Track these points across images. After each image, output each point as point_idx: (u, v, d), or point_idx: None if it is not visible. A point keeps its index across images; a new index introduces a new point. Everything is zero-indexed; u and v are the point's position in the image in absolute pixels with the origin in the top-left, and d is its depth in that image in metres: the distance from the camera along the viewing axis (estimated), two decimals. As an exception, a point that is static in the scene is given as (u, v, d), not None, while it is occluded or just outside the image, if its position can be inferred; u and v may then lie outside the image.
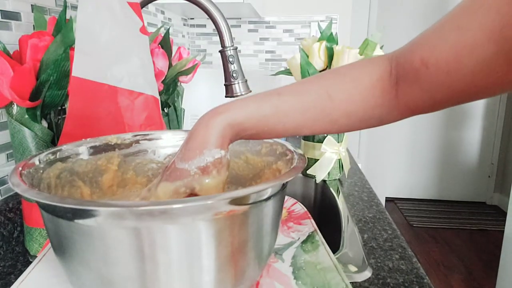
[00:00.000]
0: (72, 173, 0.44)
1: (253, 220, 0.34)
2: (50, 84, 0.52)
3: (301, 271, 0.45)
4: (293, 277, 0.44)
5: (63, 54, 0.52)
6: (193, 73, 0.89)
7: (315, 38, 0.86)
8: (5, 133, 0.61)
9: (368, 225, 0.64)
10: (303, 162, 0.39)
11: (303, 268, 0.45)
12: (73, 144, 0.45)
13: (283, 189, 0.38)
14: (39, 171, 0.39)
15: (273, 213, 0.36)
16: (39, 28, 0.57)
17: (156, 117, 0.61)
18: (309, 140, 0.88)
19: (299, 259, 0.47)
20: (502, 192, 3.07)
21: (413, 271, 0.50)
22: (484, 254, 2.39)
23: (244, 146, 0.50)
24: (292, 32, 1.58)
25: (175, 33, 1.44)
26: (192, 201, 0.29)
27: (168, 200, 0.37)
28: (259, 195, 0.33)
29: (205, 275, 0.32)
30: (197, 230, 0.30)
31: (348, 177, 0.91)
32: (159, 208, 0.28)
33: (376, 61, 0.39)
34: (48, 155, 0.41)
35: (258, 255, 0.36)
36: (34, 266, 0.44)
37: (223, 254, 0.32)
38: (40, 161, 0.40)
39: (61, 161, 0.43)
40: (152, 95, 0.60)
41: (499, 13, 0.28)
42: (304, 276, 0.44)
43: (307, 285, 0.42)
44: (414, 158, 3.18)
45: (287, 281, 0.43)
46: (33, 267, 0.44)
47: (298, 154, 0.42)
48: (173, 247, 0.30)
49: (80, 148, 0.46)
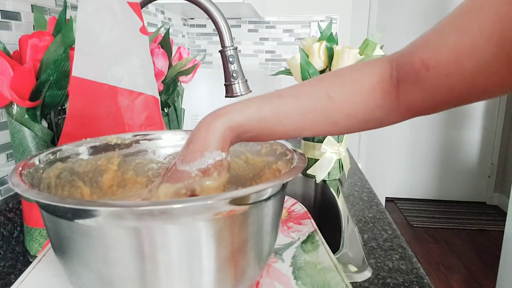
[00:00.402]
0: (72, 173, 0.44)
1: (253, 220, 0.34)
2: (50, 84, 0.52)
3: (301, 271, 0.45)
4: (293, 277, 0.44)
5: (63, 54, 0.52)
6: (193, 73, 0.89)
7: (315, 38, 0.86)
8: (5, 133, 0.61)
9: (368, 225, 0.64)
10: (303, 162, 0.39)
11: (303, 268, 0.45)
12: (73, 144, 0.45)
13: (283, 189, 0.38)
14: (39, 171, 0.39)
15: (273, 213, 0.36)
16: (39, 28, 0.57)
17: (156, 117, 0.61)
18: (309, 140, 0.88)
19: (299, 259, 0.47)
20: (502, 192, 3.07)
21: (413, 271, 0.50)
22: (484, 254, 2.39)
23: (244, 146, 0.50)
24: (292, 32, 1.58)
25: (175, 33, 1.44)
26: (192, 201, 0.29)
27: (168, 200, 0.37)
28: (259, 195, 0.33)
29: (205, 275, 0.32)
30: (197, 230, 0.30)
31: (348, 177, 0.91)
32: (159, 208, 0.28)
33: (377, 63, 0.39)
34: (48, 155, 0.41)
35: (258, 255, 0.36)
36: (34, 266, 0.44)
37: (223, 254, 0.32)
38: (40, 161, 0.40)
39: (61, 161, 0.43)
40: (152, 95, 0.60)
41: (498, 14, 0.28)
42: (304, 276, 0.44)
43: (307, 285, 0.42)
44: (414, 158, 3.18)
45: (287, 281, 0.43)
46: (33, 267, 0.44)
47: (298, 154, 0.42)
48: (173, 247, 0.30)
49: (80, 148, 0.46)
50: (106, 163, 0.48)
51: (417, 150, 3.16)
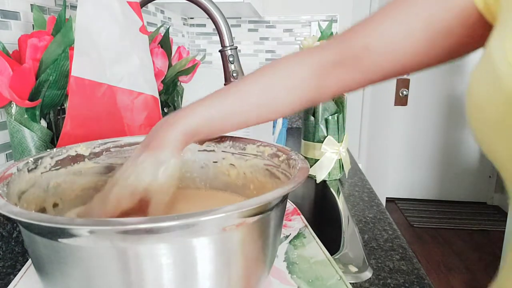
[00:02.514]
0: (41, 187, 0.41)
1: (265, 227, 0.33)
2: (50, 83, 0.52)
3: (294, 265, 0.46)
4: (288, 271, 0.45)
5: (63, 54, 0.52)
6: (193, 73, 0.89)
7: (315, 37, 0.86)
8: (4, 133, 0.61)
9: (368, 226, 0.64)
10: (305, 163, 0.39)
11: (296, 262, 0.47)
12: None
13: (285, 199, 0.37)
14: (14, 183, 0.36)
15: (278, 220, 0.36)
16: (38, 27, 0.57)
17: (156, 117, 0.61)
18: (309, 140, 0.88)
19: (292, 254, 0.49)
20: (503, 193, 3.06)
21: (414, 272, 0.49)
22: (484, 254, 2.39)
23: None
24: (292, 31, 1.58)
25: (175, 32, 1.44)
26: (187, 218, 0.26)
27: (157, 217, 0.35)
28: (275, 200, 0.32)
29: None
30: (191, 248, 0.28)
31: (349, 177, 0.90)
32: (144, 226, 0.26)
33: (315, 50, 0.43)
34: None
35: (262, 270, 0.35)
36: (28, 266, 0.44)
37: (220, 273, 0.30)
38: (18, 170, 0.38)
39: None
40: (152, 95, 0.60)
41: (428, 3, 0.35)
42: (297, 270, 0.45)
43: (301, 278, 0.43)
44: (415, 158, 3.17)
45: (283, 275, 0.44)
46: (28, 267, 0.44)
47: (295, 154, 0.42)
48: (163, 266, 0.28)
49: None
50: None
51: (417, 150, 3.16)
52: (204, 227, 0.28)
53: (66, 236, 0.27)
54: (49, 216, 0.26)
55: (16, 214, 0.27)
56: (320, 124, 0.86)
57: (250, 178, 0.47)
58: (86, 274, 0.28)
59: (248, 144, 0.47)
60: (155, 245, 0.27)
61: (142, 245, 0.27)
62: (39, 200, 0.40)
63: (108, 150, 0.47)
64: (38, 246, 0.29)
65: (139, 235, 0.26)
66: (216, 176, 0.50)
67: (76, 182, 0.45)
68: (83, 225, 0.26)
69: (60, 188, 0.43)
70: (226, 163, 0.49)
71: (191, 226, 0.27)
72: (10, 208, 0.28)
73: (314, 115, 0.87)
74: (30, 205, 0.38)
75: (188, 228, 0.27)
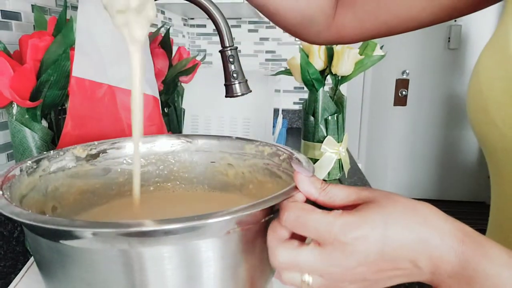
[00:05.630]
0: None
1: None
2: (51, 84, 0.52)
3: None
4: None
5: (63, 54, 0.52)
6: (193, 73, 0.89)
7: (315, 38, 0.86)
8: (5, 133, 0.61)
9: (368, 225, 0.64)
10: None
11: None
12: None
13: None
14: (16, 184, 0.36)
15: None
16: (39, 28, 0.57)
17: (156, 117, 0.61)
18: (309, 140, 0.88)
19: None
20: (502, 192, 3.06)
21: (413, 271, 0.50)
22: (484, 254, 2.39)
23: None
24: (292, 32, 1.58)
25: (175, 33, 1.44)
26: (191, 221, 0.26)
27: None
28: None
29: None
30: (196, 251, 0.28)
31: (348, 177, 0.91)
32: (150, 229, 0.25)
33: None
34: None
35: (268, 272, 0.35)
36: (29, 265, 0.45)
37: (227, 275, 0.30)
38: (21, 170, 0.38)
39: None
40: (152, 95, 0.60)
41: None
42: None
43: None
44: (414, 158, 3.18)
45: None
46: (29, 267, 0.44)
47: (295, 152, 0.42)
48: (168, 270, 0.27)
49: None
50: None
51: (417, 150, 3.16)
52: (211, 229, 0.28)
53: (69, 238, 0.27)
54: (53, 218, 0.26)
55: (18, 215, 0.27)
56: (320, 124, 0.86)
57: (249, 178, 0.47)
58: (89, 277, 0.28)
59: (247, 144, 0.48)
60: (159, 248, 0.27)
61: (145, 248, 0.27)
62: (38, 204, 0.39)
63: (104, 152, 0.47)
64: (42, 247, 0.29)
65: (143, 238, 0.26)
66: (214, 176, 0.50)
67: (74, 185, 0.44)
68: (86, 227, 0.25)
69: (58, 192, 0.42)
70: (224, 163, 0.49)
71: (196, 228, 0.27)
72: (12, 209, 0.28)
73: (314, 115, 0.87)
74: (31, 209, 0.37)
75: (193, 230, 0.27)
